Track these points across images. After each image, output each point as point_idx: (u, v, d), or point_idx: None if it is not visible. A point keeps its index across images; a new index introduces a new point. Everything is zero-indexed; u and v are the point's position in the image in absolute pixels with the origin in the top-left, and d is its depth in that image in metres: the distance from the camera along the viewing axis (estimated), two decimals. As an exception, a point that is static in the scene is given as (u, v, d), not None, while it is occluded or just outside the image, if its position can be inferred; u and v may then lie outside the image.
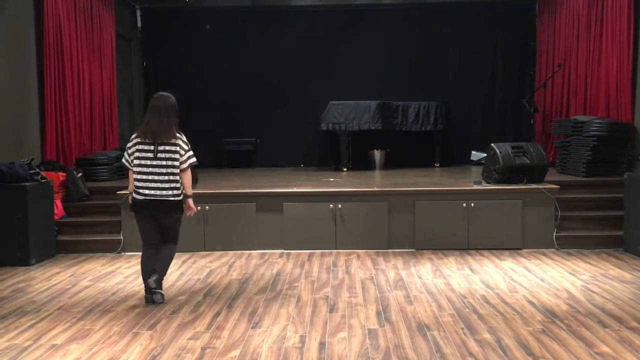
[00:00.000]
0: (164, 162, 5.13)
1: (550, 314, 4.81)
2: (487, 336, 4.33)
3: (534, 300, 5.22)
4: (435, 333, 4.42)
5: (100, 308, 5.18)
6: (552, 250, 7.25)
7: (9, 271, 6.59)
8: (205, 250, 7.41)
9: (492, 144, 7.90)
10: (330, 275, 6.20)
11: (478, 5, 11.74)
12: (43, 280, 6.19)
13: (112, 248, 7.49)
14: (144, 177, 5.13)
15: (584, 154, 8.24)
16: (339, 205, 7.43)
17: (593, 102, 9.13)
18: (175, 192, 5.16)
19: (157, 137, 5.11)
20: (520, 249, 7.29)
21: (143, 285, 5.31)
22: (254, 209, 7.48)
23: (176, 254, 7.18)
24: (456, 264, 6.64)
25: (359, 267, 6.56)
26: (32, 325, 4.73)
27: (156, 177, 5.12)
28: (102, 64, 9.97)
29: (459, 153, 11.75)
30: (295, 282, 5.95)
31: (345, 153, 10.48)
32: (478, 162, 10.87)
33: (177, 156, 5.16)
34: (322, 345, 4.21)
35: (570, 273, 6.16)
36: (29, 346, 4.28)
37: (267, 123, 12.05)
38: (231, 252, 7.35)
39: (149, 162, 5.12)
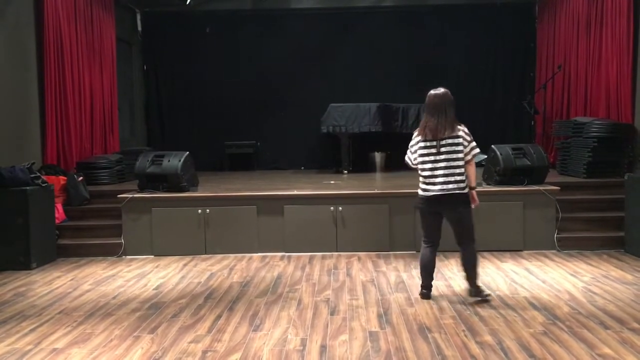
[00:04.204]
0: (444, 156, 5.07)
1: (552, 316, 4.80)
2: (488, 338, 4.33)
3: (535, 301, 5.21)
4: (437, 335, 4.41)
5: (101, 312, 5.18)
6: (553, 251, 7.24)
7: (10, 275, 6.59)
8: (206, 253, 7.41)
9: (492, 146, 7.92)
10: (331, 278, 6.19)
11: (478, 7, 11.76)
12: (44, 284, 6.18)
13: (113, 252, 7.49)
14: (427, 173, 5.11)
15: (585, 155, 8.23)
16: (340, 208, 7.43)
17: (593, 103, 9.13)
18: (459, 184, 5.06)
19: (437, 135, 5.09)
20: (521, 250, 7.28)
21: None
22: (254, 212, 7.48)
23: (177, 257, 7.28)
24: (457, 265, 6.60)
25: (360, 269, 6.56)
26: (33, 330, 4.73)
27: (438, 172, 5.07)
28: (103, 68, 9.98)
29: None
30: (296, 285, 5.94)
31: (346, 155, 10.47)
32: (479, 164, 10.83)
33: (459, 148, 5.09)
34: (323, 348, 4.21)
35: (572, 274, 6.16)
36: (29, 350, 4.28)
37: (268, 126, 12.07)
38: (232, 255, 7.35)
39: (432, 158, 5.09)
